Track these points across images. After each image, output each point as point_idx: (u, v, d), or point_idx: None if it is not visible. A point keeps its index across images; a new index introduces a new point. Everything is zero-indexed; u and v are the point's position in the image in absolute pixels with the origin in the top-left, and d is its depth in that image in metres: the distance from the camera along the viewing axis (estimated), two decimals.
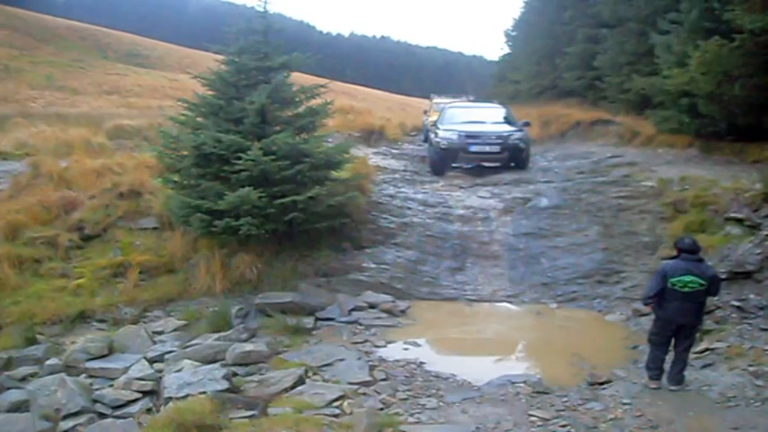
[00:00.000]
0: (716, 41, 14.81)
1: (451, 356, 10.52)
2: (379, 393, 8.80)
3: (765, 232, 11.18)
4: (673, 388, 8.40)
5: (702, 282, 8.13)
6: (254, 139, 13.06)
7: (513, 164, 19.52)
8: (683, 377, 8.45)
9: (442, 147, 19.24)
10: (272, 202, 12.44)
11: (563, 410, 8.18)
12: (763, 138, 15.70)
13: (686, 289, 8.13)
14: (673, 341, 8.50)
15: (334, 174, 14.37)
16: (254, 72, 14.04)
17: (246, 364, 9.74)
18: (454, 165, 19.54)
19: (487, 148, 19.18)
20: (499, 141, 19.17)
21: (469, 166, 19.60)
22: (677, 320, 8.27)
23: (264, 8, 14.24)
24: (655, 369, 8.59)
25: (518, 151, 19.41)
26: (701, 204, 13.45)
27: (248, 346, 10.12)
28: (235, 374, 9.32)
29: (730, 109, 15.58)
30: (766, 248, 10.84)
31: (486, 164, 19.43)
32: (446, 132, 19.48)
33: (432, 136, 20.43)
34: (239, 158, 12.44)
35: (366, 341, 10.91)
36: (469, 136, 19.20)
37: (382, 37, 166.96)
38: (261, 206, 12.28)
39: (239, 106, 13.46)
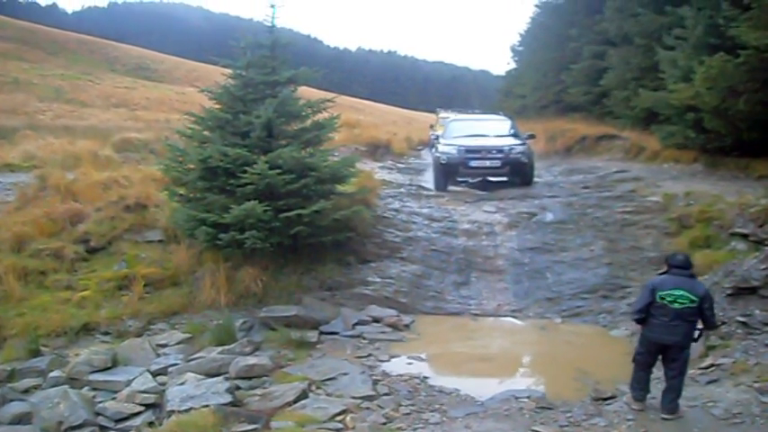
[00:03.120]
0: (721, 57, 14.87)
1: (455, 371, 10.45)
2: (382, 408, 8.76)
3: None
4: (666, 417, 8.03)
5: (693, 298, 7.80)
6: (261, 153, 13.07)
7: (515, 179, 19.17)
8: (676, 406, 8.07)
9: (442, 162, 18.85)
10: (278, 216, 12.44)
11: (566, 426, 8.13)
12: None
13: (676, 304, 7.82)
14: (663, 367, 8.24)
15: (339, 188, 14.36)
16: (261, 86, 14.06)
17: (250, 378, 9.72)
18: (459, 180, 19.34)
19: (488, 163, 18.59)
20: (500, 156, 18.57)
21: (474, 181, 19.47)
22: (663, 340, 7.99)
23: (272, 23, 14.31)
24: (638, 390, 8.37)
25: (520, 165, 18.80)
26: (706, 220, 13.45)
27: (252, 360, 10.11)
28: (238, 388, 9.31)
29: (735, 124, 15.61)
30: None
31: (492, 178, 19.20)
32: (446, 147, 19.09)
33: (433, 151, 20.24)
34: (245, 172, 12.44)
35: (370, 355, 10.86)
36: (469, 150, 18.71)
37: (389, 51, 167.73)
38: (266, 219, 12.27)
39: (246, 120, 13.49)
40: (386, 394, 9.26)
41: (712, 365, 9.48)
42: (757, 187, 13.81)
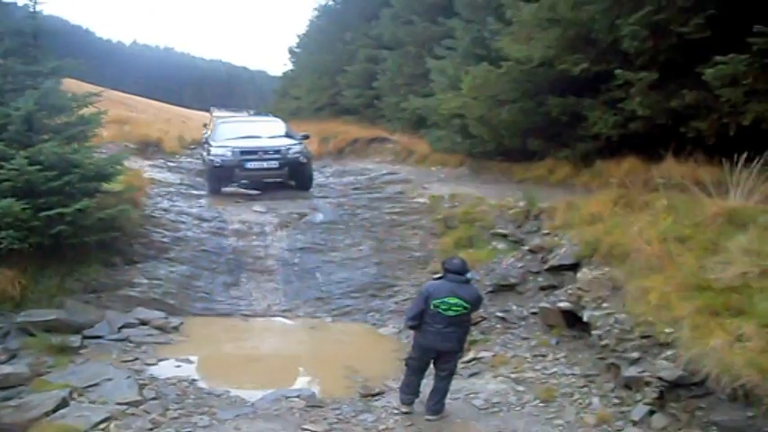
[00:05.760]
0: (485, 67, 15.59)
1: (225, 373, 10.36)
2: (148, 413, 8.48)
3: (527, 247, 11.81)
4: (430, 418, 8.09)
5: (467, 305, 7.89)
6: (20, 148, 12.36)
7: (293, 182, 18.98)
8: (441, 406, 8.18)
9: (216, 165, 18.17)
10: (38, 215, 11.79)
11: (336, 423, 8.24)
12: (528, 158, 16.59)
13: (450, 312, 7.81)
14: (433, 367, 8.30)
15: (105, 186, 13.79)
16: (22, 76, 13.34)
17: (4, 388, 9.05)
18: (234, 182, 18.93)
19: (265, 164, 18.21)
20: (277, 156, 18.26)
21: (248, 183, 19.20)
22: (437, 346, 7.99)
23: (35, 8, 13.57)
24: (408, 394, 8.32)
25: (299, 166, 18.57)
26: (470, 221, 14.01)
27: (6, 368, 9.49)
28: None
29: (498, 131, 16.39)
30: (527, 262, 11.47)
31: (268, 180, 18.94)
32: (219, 149, 18.39)
33: (204, 154, 19.62)
34: (1, 168, 11.76)
35: (136, 359, 10.50)
36: (245, 152, 18.18)
37: (165, 48, 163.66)
38: (25, 218, 11.60)
39: (3, 112, 12.69)
40: (153, 399, 8.97)
41: (474, 359, 9.95)
42: (516, 190, 14.55)
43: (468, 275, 8.29)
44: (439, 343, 7.97)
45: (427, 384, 8.38)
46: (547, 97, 14.77)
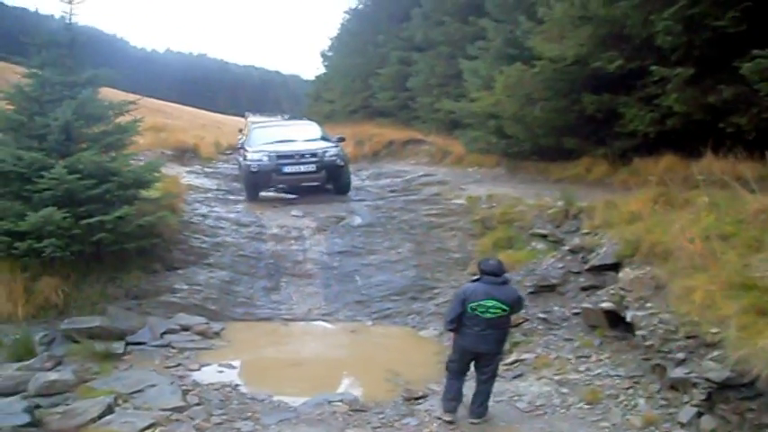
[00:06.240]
0: (518, 67, 15.53)
1: (267, 378, 10.38)
2: (192, 419, 8.53)
3: (567, 247, 11.70)
4: (474, 421, 8.03)
5: (505, 307, 7.80)
6: (59, 157, 12.54)
7: (331, 186, 18.74)
8: (485, 409, 8.14)
9: (253, 170, 17.97)
10: (78, 223, 11.93)
11: (379, 427, 8.23)
12: (565, 157, 16.49)
13: (488, 314, 7.74)
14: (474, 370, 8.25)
15: (143, 193, 13.94)
16: (59, 87, 13.45)
17: (51, 395, 9.12)
18: (271, 187, 18.81)
19: (302, 168, 17.86)
20: (314, 160, 17.90)
21: (285, 187, 19.06)
22: (476, 348, 7.94)
23: (70, 20, 13.72)
24: (451, 400, 8.18)
25: (336, 168, 18.25)
26: (508, 221, 13.92)
27: (53, 375, 9.54)
28: (37, 406, 8.74)
29: (533, 130, 16.31)
30: (568, 263, 11.36)
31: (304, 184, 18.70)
32: (256, 154, 18.15)
33: (240, 159, 19.45)
34: (42, 177, 11.87)
35: (179, 365, 10.58)
36: (281, 156, 17.88)
37: (199, 54, 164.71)
38: (66, 227, 11.74)
39: (42, 122, 12.86)
40: (197, 404, 9.02)
41: (517, 361, 9.88)
42: (554, 190, 14.43)
43: (506, 276, 8.19)
44: (477, 345, 7.91)
45: (470, 388, 8.31)
46: (581, 95, 14.70)
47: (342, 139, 19.98)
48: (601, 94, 14.27)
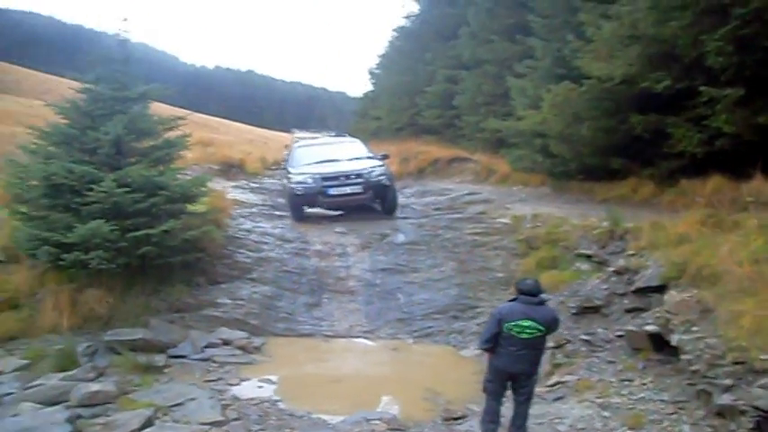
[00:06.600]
0: (566, 86, 15.44)
1: (307, 394, 10.36)
2: None
3: (612, 268, 11.51)
4: None
5: (541, 328, 7.64)
6: (109, 171, 12.71)
7: (378, 205, 18.42)
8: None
9: (297, 193, 17.70)
10: (125, 236, 12.07)
11: None
12: (610, 177, 16.30)
13: (524, 335, 7.58)
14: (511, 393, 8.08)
15: (190, 207, 14.08)
16: (111, 102, 13.66)
17: (92, 405, 9.21)
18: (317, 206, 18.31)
19: (348, 189, 17.51)
20: (360, 181, 17.54)
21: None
22: (512, 369, 7.78)
23: (124, 37, 13.96)
24: (489, 422, 7.96)
25: (382, 188, 17.89)
26: (553, 241, 13.78)
27: (95, 386, 9.63)
28: (79, 417, 8.84)
29: (579, 149, 16.17)
30: (612, 284, 11.18)
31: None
32: (300, 176, 17.83)
33: (285, 181, 19.14)
34: (91, 190, 12.04)
35: (219, 379, 10.65)
36: (326, 178, 17.55)
37: (247, 71, 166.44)
38: (113, 239, 11.89)
39: (93, 136, 13.05)
40: (235, 419, 9.05)
41: (558, 383, 9.75)
42: (599, 210, 14.27)
43: (542, 297, 8.03)
44: (513, 365, 7.78)
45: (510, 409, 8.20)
46: (629, 115, 14.54)
47: (386, 156, 19.79)
48: (648, 114, 14.11)
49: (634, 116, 14.35)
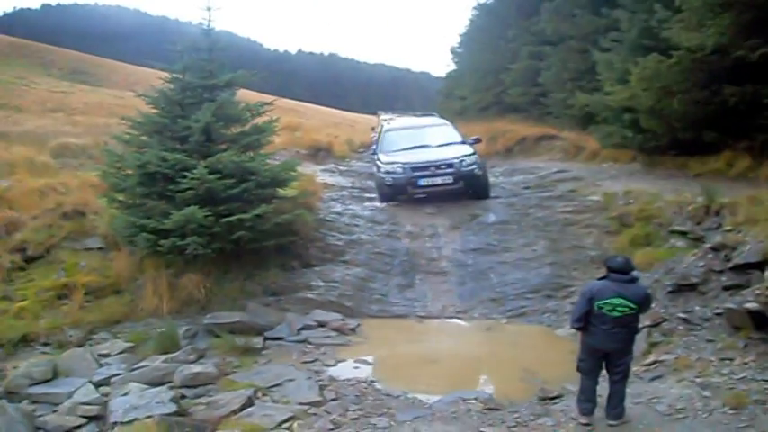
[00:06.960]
0: (655, 58, 15.09)
1: (402, 374, 10.42)
2: (329, 413, 8.69)
3: (708, 245, 11.25)
4: (612, 423, 7.83)
5: (633, 305, 7.54)
6: (200, 158, 13.01)
7: (471, 193, 17.61)
8: (622, 410, 7.90)
9: (387, 184, 17.37)
10: (219, 221, 12.35)
11: (514, 426, 8.14)
12: (704, 152, 15.94)
13: (615, 313, 7.53)
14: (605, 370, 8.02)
15: (280, 192, 14.32)
16: (199, 90, 14.00)
17: (195, 386, 9.57)
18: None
19: (439, 180, 16.92)
20: (451, 171, 16.90)
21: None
22: (604, 347, 7.74)
23: (209, 26, 14.18)
24: (585, 401, 7.97)
25: (474, 179, 17.26)
26: (646, 218, 13.58)
27: (196, 368, 9.97)
28: (183, 397, 9.18)
29: (670, 124, 15.82)
30: (709, 261, 10.91)
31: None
32: (389, 166, 17.42)
33: (374, 169, 18.79)
34: (184, 177, 12.36)
35: (316, 360, 10.80)
36: (416, 168, 16.99)
37: (330, 54, 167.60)
38: (207, 225, 12.18)
39: (184, 125, 13.36)
40: (333, 399, 9.20)
41: (655, 362, 9.56)
42: (694, 185, 13.97)
43: (633, 274, 7.90)
44: (605, 343, 7.72)
45: (606, 389, 8.13)
46: (722, 86, 14.15)
47: (478, 141, 19.23)
48: (743, 85, 13.71)
49: (728, 87, 13.97)
